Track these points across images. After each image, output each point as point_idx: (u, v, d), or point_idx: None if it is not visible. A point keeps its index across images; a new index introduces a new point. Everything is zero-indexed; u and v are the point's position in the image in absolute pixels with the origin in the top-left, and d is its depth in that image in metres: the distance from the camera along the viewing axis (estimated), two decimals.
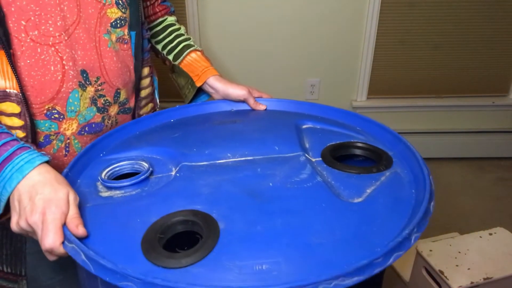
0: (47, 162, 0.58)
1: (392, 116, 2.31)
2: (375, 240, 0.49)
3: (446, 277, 1.26)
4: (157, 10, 0.91)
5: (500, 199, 2.10)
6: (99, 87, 0.72)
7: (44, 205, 0.53)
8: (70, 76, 0.67)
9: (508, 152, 2.41)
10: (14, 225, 0.55)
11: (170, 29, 0.92)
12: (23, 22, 0.61)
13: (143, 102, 0.85)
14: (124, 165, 0.66)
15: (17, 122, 0.65)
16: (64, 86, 0.67)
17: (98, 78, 0.71)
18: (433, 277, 1.32)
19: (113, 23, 0.72)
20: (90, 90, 0.71)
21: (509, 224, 1.83)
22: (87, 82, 0.70)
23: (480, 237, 1.41)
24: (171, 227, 0.51)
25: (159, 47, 0.93)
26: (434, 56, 2.20)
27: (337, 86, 2.25)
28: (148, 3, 0.90)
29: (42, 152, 0.60)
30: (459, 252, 1.34)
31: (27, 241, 0.73)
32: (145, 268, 0.46)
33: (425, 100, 2.29)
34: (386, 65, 2.22)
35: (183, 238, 0.55)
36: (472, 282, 1.24)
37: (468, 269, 1.28)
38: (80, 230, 0.51)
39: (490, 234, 1.42)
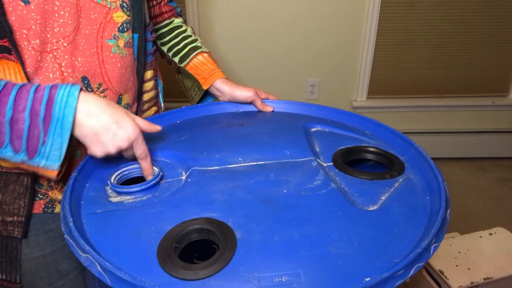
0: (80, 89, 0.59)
1: (392, 116, 2.31)
2: (394, 250, 0.48)
3: (446, 277, 1.27)
4: (164, 11, 0.90)
5: (500, 199, 2.11)
6: (102, 94, 0.70)
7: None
8: (70, 83, 0.66)
9: (508, 152, 2.42)
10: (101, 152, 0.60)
11: (176, 31, 0.91)
12: (24, 31, 0.60)
13: (146, 106, 0.84)
14: (133, 169, 0.65)
15: None
16: None
17: (100, 85, 0.70)
18: (433, 277, 1.33)
19: (120, 28, 0.70)
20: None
21: (509, 224, 1.84)
22: (89, 89, 0.68)
23: (480, 237, 1.42)
24: (187, 236, 0.50)
25: (165, 49, 0.91)
26: (434, 56, 2.20)
27: (337, 86, 2.24)
28: (154, 2, 0.89)
29: (70, 83, 0.62)
30: (459, 252, 1.35)
31: (24, 247, 0.72)
32: (162, 279, 0.45)
33: (425, 100, 2.30)
34: (386, 65, 2.22)
35: (196, 245, 0.54)
36: (472, 282, 1.25)
37: (468, 269, 1.29)
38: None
39: (490, 234, 1.43)
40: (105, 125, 0.58)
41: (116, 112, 0.59)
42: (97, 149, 0.59)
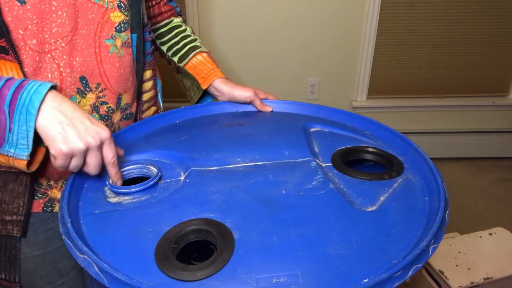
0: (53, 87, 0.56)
1: (392, 116, 2.31)
2: (392, 251, 0.48)
3: (446, 277, 1.26)
4: (163, 10, 0.90)
5: (500, 199, 2.11)
6: (100, 94, 0.70)
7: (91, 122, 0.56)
8: (68, 83, 0.66)
9: (508, 152, 2.42)
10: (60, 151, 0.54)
11: (176, 30, 0.91)
12: (21, 32, 0.59)
13: (145, 106, 0.84)
14: (131, 169, 0.65)
15: None
16: (62, 93, 0.65)
17: (98, 85, 0.70)
18: (433, 277, 1.33)
19: (117, 28, 0.70)
20: (91, 97, 0.69)
21: (509, 224, 1.84)
22: (87, 88, 0.68)
23: (480, 237, 1.42)
24: (185, 236, 0.50)
25: (164, 48, 0.91)
26: (434, 56, 2.20)
27: (337, 86, 2.24)
28: (154, 2, 0.88)
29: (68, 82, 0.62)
30: (459, 252, 1.35)
31: (23, 246, 0.72)
32: (159, 280, 0.45)
33: (425, 100, 2.29)
34: (386, 65, 2.21)
35: (194, 246, 0.54)
36: (472, 282, 1.25)
37: (468, 269, 1.29)
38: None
39: (490, 234, 1.43)
40: (79, 118, 0.55)
41: (86, 113, 0.57)
42: (62, 146, 0.54)
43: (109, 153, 0.58)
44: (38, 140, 0.55)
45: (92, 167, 0.58)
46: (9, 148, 0.54)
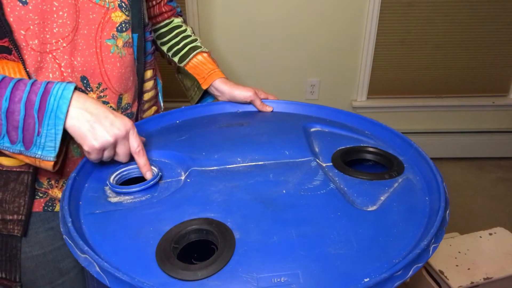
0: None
1: (392, 116, 2.31)
2: (393, 251, 0.48)
3: (446, 277, 1.27)
4: (164, 10, 0.90)
5: (500, 199, 2.11)
6: (101, 94, 0.71)
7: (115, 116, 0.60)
8: None
9: (508, 152, 2.42)
10: (93, 147, 0.59)
11: (176, 31, 0.91)
12: (22, 32, 0.60)
13: (146, 106, 0.84)
14: (132, 169, 0.65)
15: None
16: None
17: (99, 84, 0.70)
18: (433, 277, 1.33)
19: (119, 28, 0.70)
20: (92, 96, 0.70)
21: (509, 224, 1.84)
22: (88, 88, 0.69)
23: (480, 237, 1.42)
24: (185, 236, 0.50)
25: (165, 48, 0.92)
26: (434, 56, 2.20)
27: (337, 86, 2.24)
28: (154, 2, 0.89)
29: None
30: (459, 252, 1.35)
31: (24, 246, 0.72)
32: (160, 280, 0.45)
33: (425, 100, 2.30)
34: (386, 65, 2.22)
35: (194, 246, 0.54)
36: (472, 282, 1.25)
37: (468, 269, 1.29)
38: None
39: (490, 234, 1.43)
40: (103, 113, 0.59)
41: (108, 108, 0.61)
42: (94, 142, 0.58)
43: (134, 143, 0.62)
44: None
45: (122, 156, 0.63)
46: (37, 150, 0.57)
